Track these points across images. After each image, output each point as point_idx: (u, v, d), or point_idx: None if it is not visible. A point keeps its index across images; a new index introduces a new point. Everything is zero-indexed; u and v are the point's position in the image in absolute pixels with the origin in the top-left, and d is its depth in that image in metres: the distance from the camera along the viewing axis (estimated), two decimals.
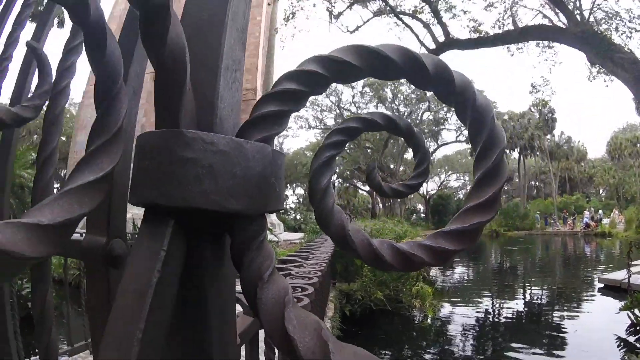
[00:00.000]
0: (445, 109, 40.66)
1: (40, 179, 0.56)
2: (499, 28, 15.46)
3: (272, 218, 26.04)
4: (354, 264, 8.47)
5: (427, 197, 50.40)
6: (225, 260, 0.32)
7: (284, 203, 0.33)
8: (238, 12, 0.40)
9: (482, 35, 15.57)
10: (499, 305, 11.15)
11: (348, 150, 43.31)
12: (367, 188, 46.26)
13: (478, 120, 0.31)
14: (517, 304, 11.20)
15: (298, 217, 47.04)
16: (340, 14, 16.58)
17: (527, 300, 12.04)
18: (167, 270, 0.25)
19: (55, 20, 1.36)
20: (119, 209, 0.49)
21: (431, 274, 13.14)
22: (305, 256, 3.49)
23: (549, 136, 46.93)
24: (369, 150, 41.51)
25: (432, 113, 40.50)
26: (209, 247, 0.30)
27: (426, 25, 16.05)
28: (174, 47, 0.27)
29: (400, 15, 15.92)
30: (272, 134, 0.30)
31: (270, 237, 13.65)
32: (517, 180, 50.29)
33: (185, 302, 0.29)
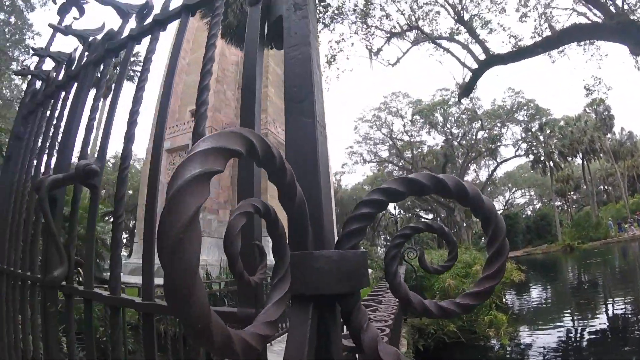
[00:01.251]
0: (499, 125, 39.37)
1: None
2: (538, 35, 15.21)
3: None
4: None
5: None
6: (337, 318, 0.52)
7: None
8: (324, 152, 0.62)
9: (522, 47, 15.38)
10: (581, 325, 10.45)
11: None
12: (430, 216, 45.28)
13: (487, 218, 0.50)
14: (600, 321, 10.44)
15: None
16: (379, 50, 17.08)
17: (609, 315, 11.20)
18: (312, 328, 0.47)
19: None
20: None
21: (506, 300, 12.60)
22: (379, 300, 3.74)
23: (609, 135, 43.97)
24: None
25: (486, 131, 39.38)
26: (328, 312, 0.51)
27: (465, 46, 16.10)
28: (299, 203, 0.49)
29: (438, 40, 16.10)
30: (358, 242, 0.51)
31: None
32: (584, 187, 47.20)
33: (318, 345, 0.49)
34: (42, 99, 1.71)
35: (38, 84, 1.97)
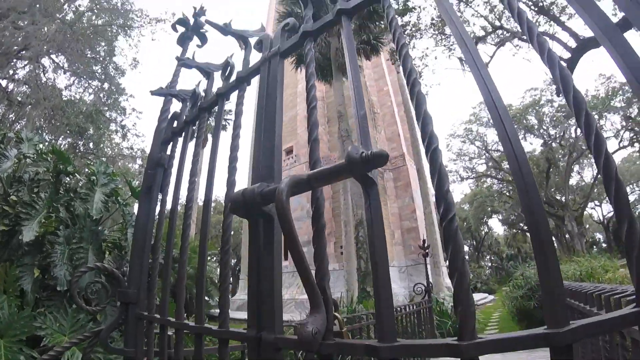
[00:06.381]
0: (597, 117, 34.73)
1: None
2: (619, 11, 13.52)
3: (446, 280, 24.33)
4: None
5: (605, 222, 42.20)
6: None
7: None
8: None
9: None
10: None
11: (508, 193, 39.71)
12: None
13: None
14: None
15: (470, 276, 42.96)
16: None
17: None
18: None
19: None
20: None
21: None
22: None
23: None
24: None
25: None
26: None
27: (552, 37, 14.84)
28: None
29: (524, 37, 15.04)
30: None
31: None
32: None
33: None
34: (194, 116, 1.42)
35: (173, 108, 1.75)
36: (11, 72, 18.88)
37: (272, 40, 1.17)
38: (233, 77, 1.29)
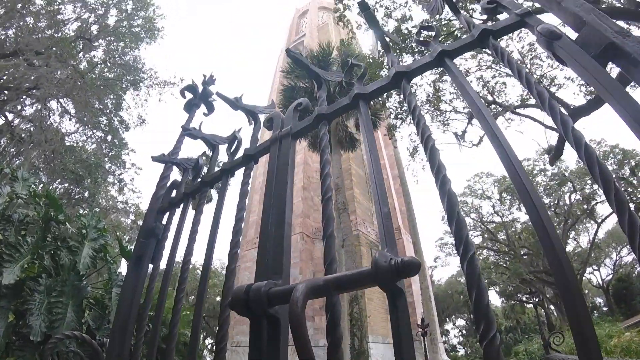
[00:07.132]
0: (589, 182, 35.43)
1: None
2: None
3: (444, 358, 23.57)
4: None
5: (605, 285, 41.56)
6: None
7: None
8: None
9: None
10: None
11: (505, 264, 39.34)
12: (536, 299, 40.24)
13: None
14: None
15: (469, 352, 41.63)
16: (464, 132, 16.84)
17: None
18: None
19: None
20: None
21: None
22: None
23: None
24: (525, 257, 37.27)
25: (578, 192, 35.64)
26: None
27: (543, 108, 15.45)
28: None
29: (517, 110, 15.50)
30: None
31: None
32: None
33: None
34: (195, 188, 1.37)
35: (173, 175, 1.70)
36: (19, 107, 19.21)
37: (283, 120, 1.14)
38: (239, 153, 1.25)
